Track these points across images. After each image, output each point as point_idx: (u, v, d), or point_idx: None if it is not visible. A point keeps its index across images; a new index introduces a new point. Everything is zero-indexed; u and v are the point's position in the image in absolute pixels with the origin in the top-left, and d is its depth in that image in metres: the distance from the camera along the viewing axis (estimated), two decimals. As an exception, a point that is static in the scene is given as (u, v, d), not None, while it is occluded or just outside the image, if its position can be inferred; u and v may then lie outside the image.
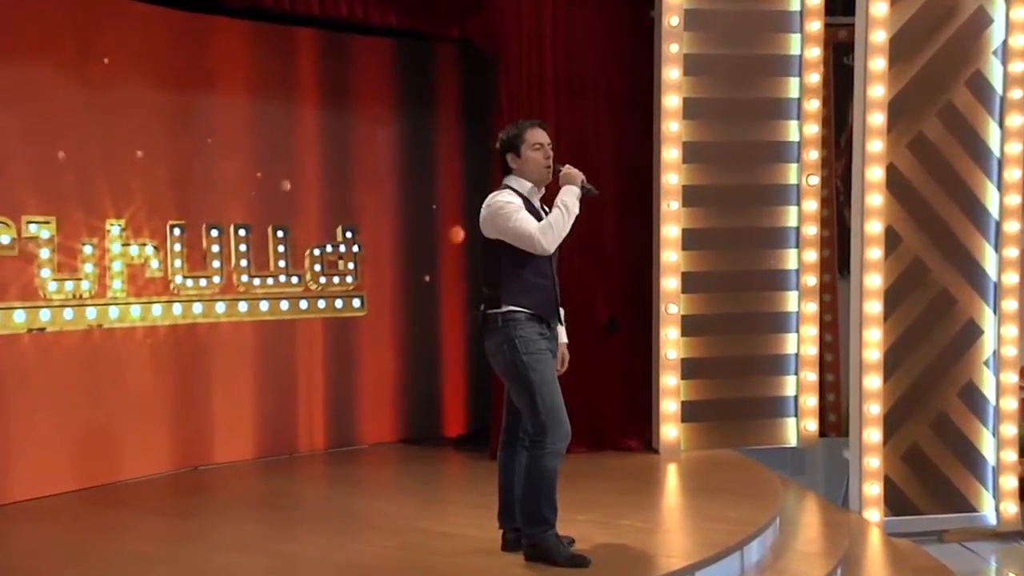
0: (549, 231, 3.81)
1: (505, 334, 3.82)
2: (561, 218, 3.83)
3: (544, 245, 3.78)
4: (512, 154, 3.97)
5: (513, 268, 3.84)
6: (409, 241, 6.82)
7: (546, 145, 3.95)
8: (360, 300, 6.68)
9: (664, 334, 6.39)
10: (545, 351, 3.87)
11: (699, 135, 6.47)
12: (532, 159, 3.94)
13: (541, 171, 3.95)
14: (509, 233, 3.80)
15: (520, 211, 3.81)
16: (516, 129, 3.98)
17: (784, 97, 6.53)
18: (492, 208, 3.86)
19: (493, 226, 3.85)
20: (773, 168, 6.55)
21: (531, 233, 3.79)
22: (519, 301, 3.83)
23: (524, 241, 3.80)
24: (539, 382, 3.82)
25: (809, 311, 6.56)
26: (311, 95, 6.49)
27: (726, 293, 6.49)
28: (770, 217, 6.54)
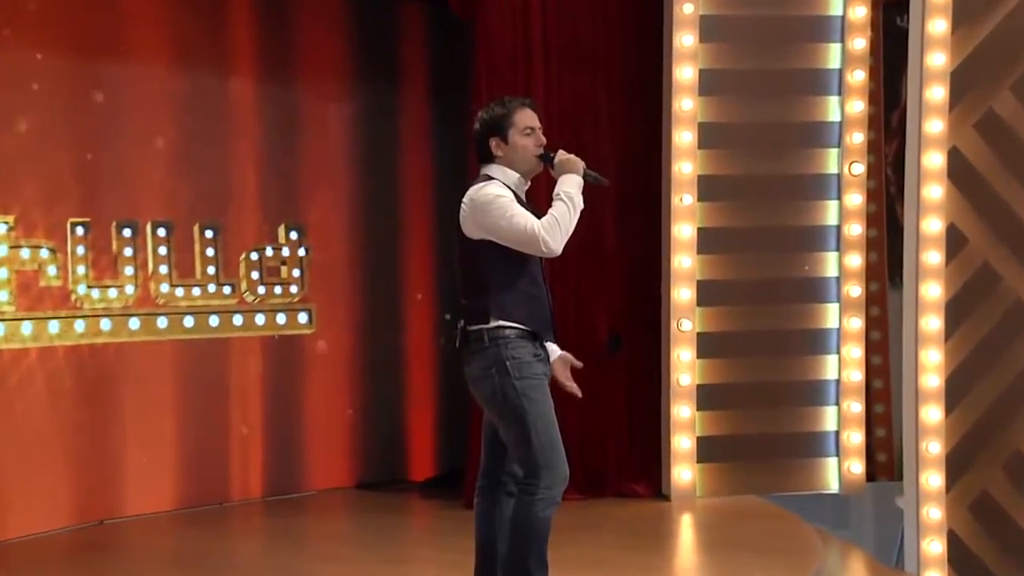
0: (555, 228, 3.71)
1: (494, 355, 3.74)
2: (568, 212, 3.74)
3: (552, 245, 3.69)
4: (497, 139, 3.86)
5: (503, 275, 3.76)
6: (368, 243, 6.73)
7: (538, 130, 3.88)
8: (307, 315, 6.60)
9: (676, 356, 6.29)
10: (541, 376, 3.81)
11: (718, 115, 6.36)
12: (522, 146, 3.85)
13: (531, 160, 3.87)
14: (504, 232, 3.72)
15: (515, 205, 3.74)
16: (503, 108, 3.88)
17: (822, 68, 6.41)
18: (480, 202, 3.76)
19: (481, 224, 3.76)
20: (809, 154, 6.43)
21: (534, 231, 3.69)
22: (511, 315, 3.75)
23: (525, 241, 3.71)
24: (534, 413, 3.74)
25: (853, 328, 6.44)
26: (246, 65, 6.38)
27: (751, 306, 6.38)
28: (805, 214, 6.43)
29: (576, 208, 3.79)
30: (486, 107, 3.96)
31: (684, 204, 6.28)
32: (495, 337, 3.76)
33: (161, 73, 6.08)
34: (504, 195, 3.77)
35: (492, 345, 3.76)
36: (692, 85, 6.29)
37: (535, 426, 3.74)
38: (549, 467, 3.75)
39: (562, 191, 3.81)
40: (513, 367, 3.76)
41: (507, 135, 3.87)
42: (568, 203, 3.78)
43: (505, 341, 3.76)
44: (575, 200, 3.79)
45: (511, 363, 3.76)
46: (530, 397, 3.76)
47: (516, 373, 3.76)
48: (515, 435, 3.79)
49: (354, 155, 6.68)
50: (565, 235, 3.76)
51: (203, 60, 6.19)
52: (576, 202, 3.79)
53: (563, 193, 3.80)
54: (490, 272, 3.79)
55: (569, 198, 3.78)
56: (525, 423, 3.75)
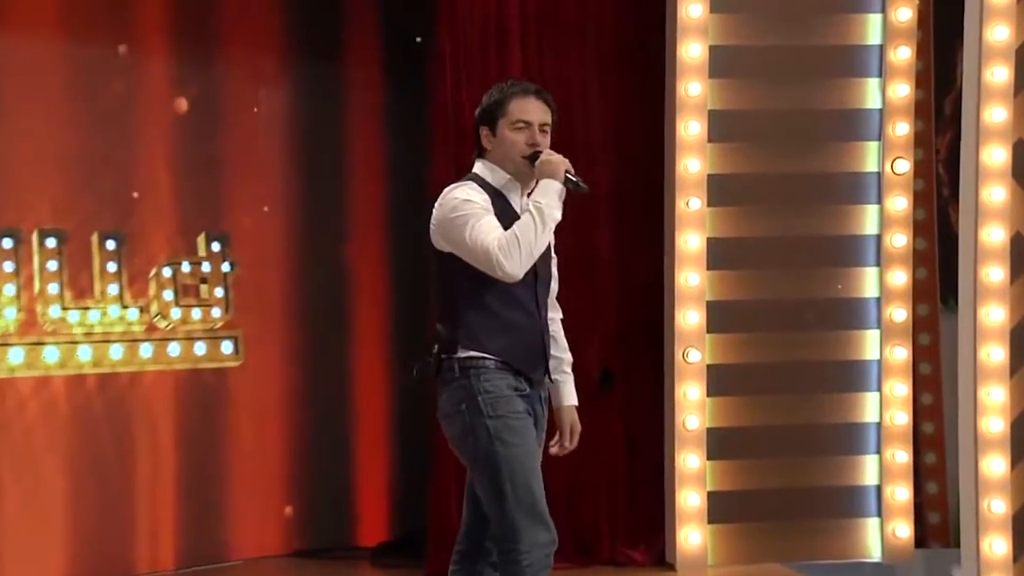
0: (514, 247, 3.74)
1: (463, 388, 3.80)
2: (532, 228, 3.75)
3: (508, 267, 3.72)
4: (487, 129, 3.92)
5: (476, 296, 3.82)
6: (308, 254, 6.68)
7: (535, 124, 3.88)
8: (233, 343, 6.49)
9: (682, 393, 6.22)
10: (522, 415, 3.84)
11: (733, 101, 6.29)
12: (509, 141, 3.88)
13: (517, 161, 3.88)
14: (464, 248, 3.78)
15: (480, 216, 3.76)
16: (499, 94, 3.92)
17: (859, 43, 6.33)
18: (444, 208, 3.82)
19: (445, 236, 3.82)
20: (843, 149, 6.36)
21: (487, 249, 3.72)
22: (483, 344, 3.81)
23: (480, 260, 3.75)
24: (509, 460, 3.77)
25: (897, 360, 6.35)
26: (156, 39, 6.27)
27: (773, 333, 6.32)
28: (838, 221, 6.36)
29: (545, 222, 3.77)
30: (488, 91, 3.99)
31: (691, 209, 6.24)
32: (466, 367, 3.81)
33: (49, 49, 5.99)
34: (472, 200, 3.79)
35: (463, 376, 3.81)
36: (701, 65, 6.25)
37: (511, 477, 3.75)
38: (529, 528, 3.76)
39: (533, 201, 3.80)
40: (486, 403, 3.80)
41: (496, 126, 3.90)
42: (535, 216, 3.77)
43: (477, 372, 3.81)
44: (545, 213, 3.77)
45: (483, 398, 3.80)
46: (505, 440, 3.78)
47: (490, 410, 3.80)
48: (487, 487, 3.81)
49: (291, 148, 6.64)
50: (527, 256, 3.76)
51: (101, 32, 6.11)
52: (547, 215, 3.77)
53: (533, 204, 3.79)
54: (460, 292, 3.83)
55: (539, 210, 3.77)
56: (498, 472, 3.76)
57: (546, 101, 3.94)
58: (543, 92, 3.95)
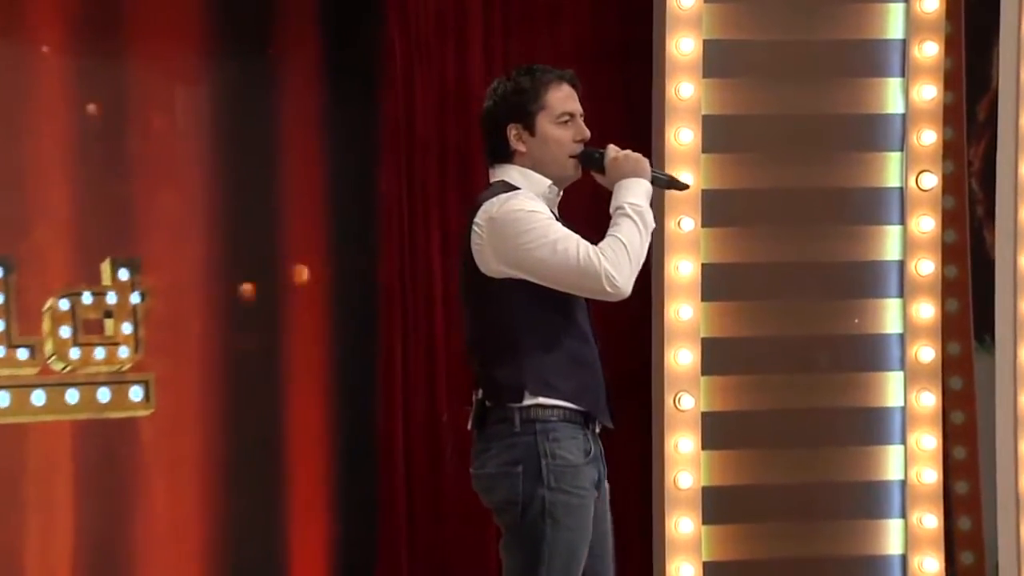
0: (623, 257, 3.72)
1: (525, 446, 3.74)
2: (636, 233, 3.75)
3: (619, 282, 3.70)
4: (518, 127, 3.82)
5: (541, 329, 3.78)
6: (233, 283, 6.44)
7: (579, 116, 3.88)
8: (143, 388, 6.27)
9: (672, 445, 6.07)
10: (586, 492, 3.79)
11: (731, 104, 6.17)
12: (555, 139, 3.84)
13: (566, 163, 3.85)
14: (547, 266, 3.71)
15: (557, 225, 3.73)
16: (530, 80, 3.86)
17: (879, 38, 6.19)
18: (504, 222, 3.72)
19: (508, 256, 3.73)
20: (859, 160, 6.23)
21: (592, 263, 3.68)
22: (556, 388, 3.77)
23: (577, 279, 3.71)
24: (554, 543, 3.72)
25: (925, 407, 6.20)
26: (52, 31, 6.10)
27: (778, 375, 6.18)
28: (854, 244, 6.24)
29: (648, 226, 3.78)
30: (503, 78, 3.93)
31: (683, 230, 6.09)
32: (531, 419, 3.75)
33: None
34: (539, 211, 3.75)
35: (525, 431, 3.74)
36: (694, 62, 6.10)
37: (549, 561, 3.71)
38: None
39: (627, 203, 3.77)
40: (550, 470, 3.74)
41: (534, 122, 3.82)
42: (637, 221, 3.75)
43: (545, 428, 3.75)
44: (646, 217, 3.76)
45: (548, 463, 3.74)
46: (558, 520, 3.72)
47: (552, 480, 3.73)
48: (517, 561, 3.77)
49: (214, 158, 6.40)
50: (637, 267, 3.76)
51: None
52: (647, 219, 3.77)
53: (628, 207, 3.76)
54: (520, 324, 3.78)
55: (638, 213, 3.75)
56: (537, 552, 3.72)
57: (577, 87, 3.90)
58: (575, 76, 3.91)
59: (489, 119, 3.89)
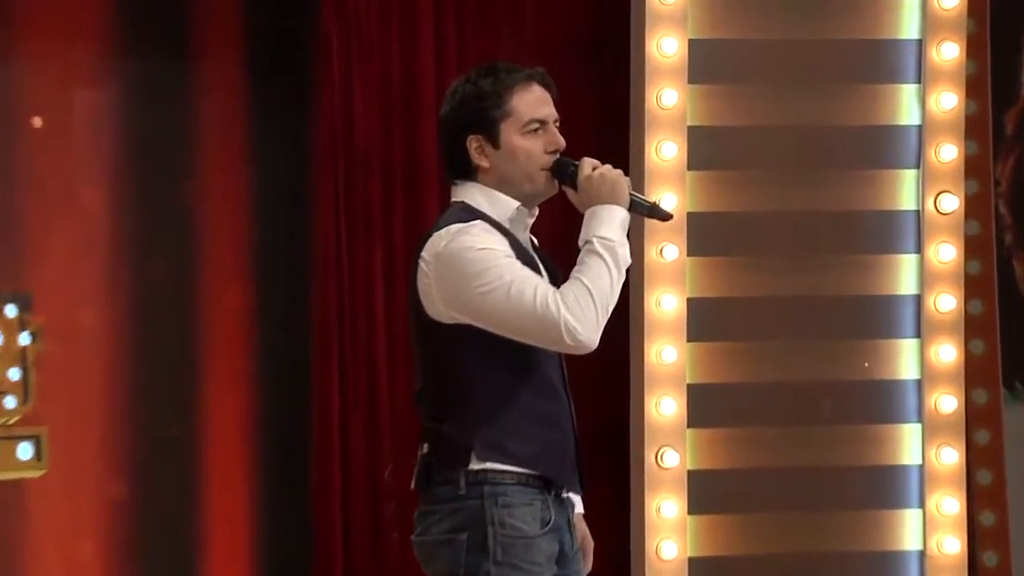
0: (587, 304, 3.64)
1: (471, 512, 3.70)
2: (606, 275, 3.67)
3: (582, 334, 3.61)
4: (480, 138, 3.75)
5: (494, 379, 3.74)
6: (141, 320, 6.33)
7: (552, 123, 3.79)
8: (33, 445, 6.19)
9: (654, 509, 5.97)
10: (542, 569, 3.74)
11: (720, 114, 6.10)
12: (524, 151, 3.76)
13: (539, 177, 3.77)
14: (498, 314, 3.66)
15: (513, 263, 3.66)
16: (489, 84, 3.78)
17: (891, 39, 6.12)
18: (450, 260, 3.68)
19: (455, 299, 3.69)
20: (869, 180, 6.17)
21: (547, 312, 3.61)
22: (509, 451, 3.71)
23: (533, 329, 3.64)
24: None
25: (946, 464, 6.11)
26: None
27: (776, 428, 6.10)
28: (863, 277, 6.17)
29: (620, 266, 3.69)
30: (463, 79, 3.84)
31: (666, 260, 5.98)
32: (479, 482, 3.71)
33: None
34: (492, 247, 3.67)
35: (472, 494, 3.71)
36: (678, 65, 6.00)
37: None
38: None
39: (596, 237, 3.68)
40: (498, 541, 3.69)
41: (498, 132, 3.73)
42: (608, 259, 3.67)
43: (495, 493, 3.71)
44: (619, 253, 3.67)
45: (496, 532, 3.70)
46: None
47: (499, 552, 3.69)
48: None
49: (119, 173, 6.30)
50: (604, 316, 3.67)
51: None
52: (621, 256, 3.68)
53: (598, 242, 3.67)
54: (473, 378, 3.74)
55: (609, 250, 3.67)
56: None
57: (549, 87, 3.78)
58: (546, 75, 3.79)
59: (446, 129, 3.81)
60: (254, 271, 6.48)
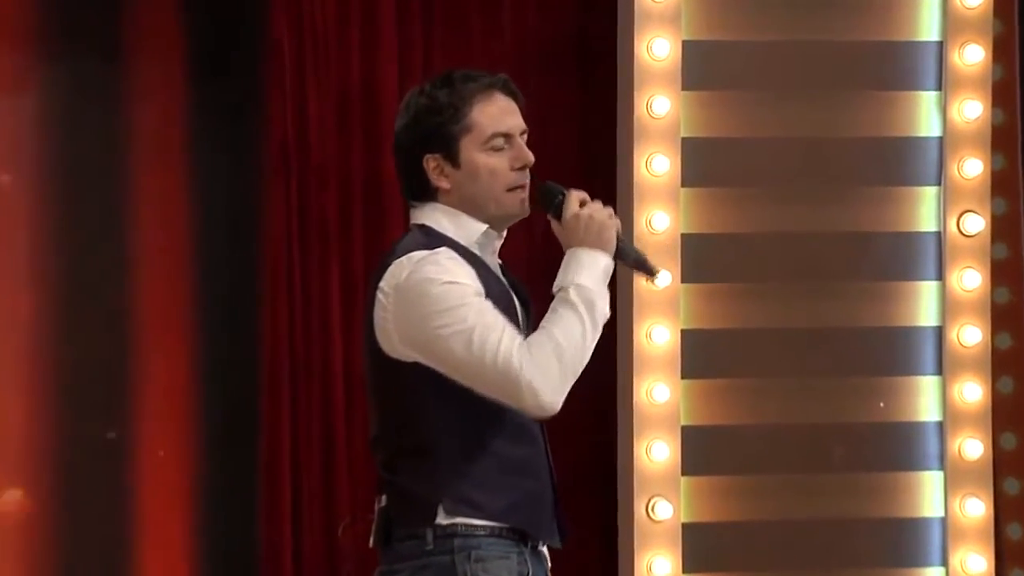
0: (549, 361, 3.59)
1: (442, 569, 3.67)
2: (579, 331, 3.62)
3: (545, 398, 3.58)
4: (438, 158, 3.71)
5: (460, 424, 3.69)
6: (65, 355, 6.27)
7: (517, 136, 3.75)
8: None
9: (645, 566, 5.98)
10: None
11: (718, 124, 6.10)
12: (488, 170, 3.71)
13: (506, 199, 3.74)
14: (455, 363, 3.63)
15: (478, 302, 3.61)
16: (446, 93, 3.74)
17: (908, 40, 6.11)
18: (411, 292, 3.65)
19: (412, 338, 3.66)
20: (884, 198, 6.16)
21: (512, 368, 3.58)
22: (481, 503, 3.68)
23: (494, 384, 3.61)
24: None
25: (971, 517, 6.09)
26: None
27: (781, 475, 6.11)
28: (878, 305, 6.15)
29: (598, 322, 3.64)
30: (417, 90, 3.79)
31: (657, 287, 5.85)
32: (448, 535, 3.66)
33: None
34: (458, 280, 3.61)
35: (440, 549, 3.66)
36: (670, 70, 6.00)
37: None
38: None
39: (574, 285, 3.63)
40: None
41: (457, 149, 3.68)
42: (583, 313, 3.61)
43: (466, 547, 3.66)
44: (598, 308, 3.62)
45: None
46: None
47: None
48: None
49: (41, 186, 6.32)
50: (571, 376, 3.62)
51: None
52: (599, 312, 3.62)
53: (575, 291, 3.62)
54: (436, 423, 3.69)
55: (587, 303, 3.61)
56: None
57: (516, 96, 3.72)
58: (510, 83, 3.73)
59: (401, 147, 3.71)
60: (196, 302, 6.40)
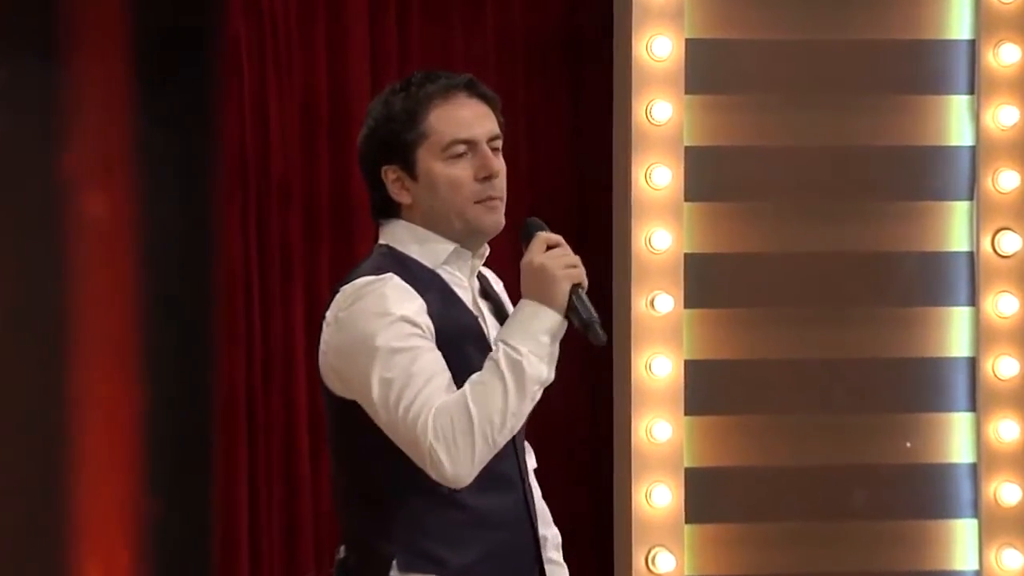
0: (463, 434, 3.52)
1: None
2: (500, 397, 3.54)
3: (449, 470, 3.49)
4: (396, 169, 3.67)
5: (412, 470, 3.56)
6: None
7: (484, 143, 3.67)
8: None
9: None
10: None
11: (727, 132, 6.04)
12: (449, 182, 3.66)
13: (472, 211, 3.68)
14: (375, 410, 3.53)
15: (410, 349, 3.55)
16: (402, 98, 3.70)
17: (936, 39, 6.03)
18: (347, 326, 3.61)
19: (350, 378, 3.60)
20: (910, 214, 6.08)
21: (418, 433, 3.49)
22: (439, 558, 3.60)
23: (406, 446, 3.51)
24: None
25: (1008, 570, 6.03)
26: None
27: (794, 522, 6.02)
28: (904, 334, 6.06)
29: (525, 388, 3.51)
30: (379, 96, 3.77)
31: (658, 313, 5.86)
32: None
33: None
34: (395, 313, 3.56)
35: None
36: (673, 71, 5.93)
37: None
38: None
39: (504, 342, 3.56)
40: None
41: (413, 159, 3.64)
42: (508, 376, 3.54)
43: None
44: (527, 371, 3.51)
45: None
46: None
47: None
48: None
49: None
50: (486, 448, 3.52)
51: None
52: (529, 375, 3.50)
53: (504, 350, 3.55)
54: (391, 467, 3.61)
55: (512, 364, 3.53)
56: None
57: (486, 98, 3.64)
58: (477, 83, 3.65)
59: (363, 159, 3.63)
60: (140, 339, 6.27)
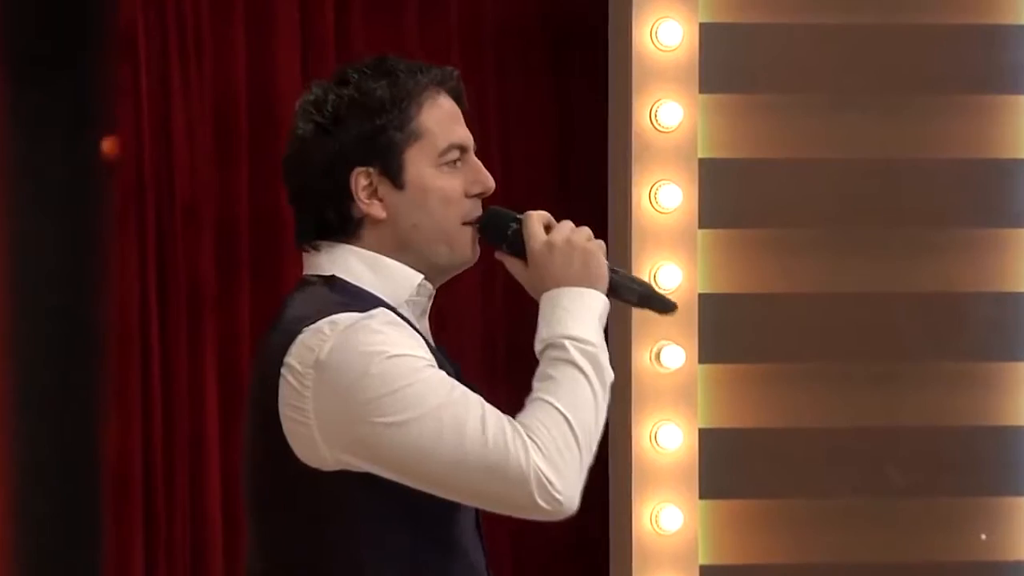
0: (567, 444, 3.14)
1: None
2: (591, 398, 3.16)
3: (563, 490, 3.06)
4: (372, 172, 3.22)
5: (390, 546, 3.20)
6: None
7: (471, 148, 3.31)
8: None
9: None
10: None
11: (750, 142, 5.68)
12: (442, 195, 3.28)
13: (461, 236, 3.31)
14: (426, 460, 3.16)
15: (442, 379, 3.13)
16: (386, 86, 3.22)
17: (1001, 23, 5.70)
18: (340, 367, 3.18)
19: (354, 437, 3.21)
20: (973, 244, 5.74)
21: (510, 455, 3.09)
22: None
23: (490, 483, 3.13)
24: None
25: None
26: None
27: None
28: (976, 395, 5.66)
29: (605, 382, 3.14)
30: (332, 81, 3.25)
31: (666, 369, 5.53)
32: None
33: None
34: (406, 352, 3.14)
35: None
36: (684, 64, 5.62)
37: None
38: None
39: (569, 338, 3.16)
40: None
41: (401, 162, 3.20)
42: (589, 371, 3.15)
43: None
44: (604, 364, 3.13)
45: None
46: None
47: None
48: None
49: None
50: (587, 460, 3.05)
51: None
52: (605, 369, 3.10)
53: (573, 346, 3.15)
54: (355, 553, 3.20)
55: (590, 357, 3.13)
56: None
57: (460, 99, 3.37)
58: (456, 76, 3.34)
59: (306, 162, 3.16)
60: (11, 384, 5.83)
